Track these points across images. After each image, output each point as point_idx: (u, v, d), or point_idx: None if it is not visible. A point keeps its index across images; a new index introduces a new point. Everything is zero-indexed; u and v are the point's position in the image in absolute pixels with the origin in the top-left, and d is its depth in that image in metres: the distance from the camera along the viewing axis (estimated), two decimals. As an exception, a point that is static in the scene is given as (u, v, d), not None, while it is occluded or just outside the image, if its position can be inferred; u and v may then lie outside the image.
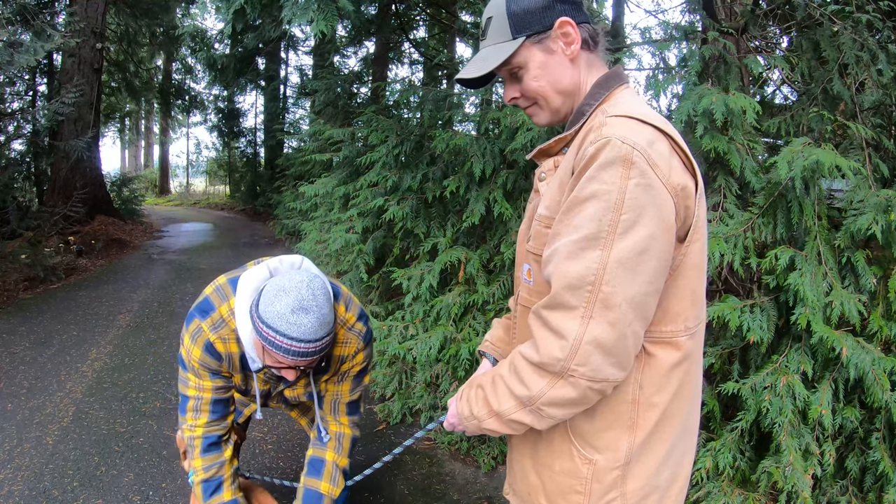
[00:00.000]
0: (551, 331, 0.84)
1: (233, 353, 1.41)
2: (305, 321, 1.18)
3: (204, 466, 1.45)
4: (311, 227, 4.90)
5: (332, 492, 1.53)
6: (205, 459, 1.45)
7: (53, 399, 3.27)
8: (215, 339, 1.38)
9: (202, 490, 1.46)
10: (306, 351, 1.21)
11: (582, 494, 0.95)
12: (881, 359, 1.89)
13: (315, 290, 1.22)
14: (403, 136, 3.43)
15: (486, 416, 0.96)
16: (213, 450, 1.47)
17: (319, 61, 10.48)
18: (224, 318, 1.38)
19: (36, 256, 6.06)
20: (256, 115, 15.67)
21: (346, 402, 1.59)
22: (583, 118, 0.96)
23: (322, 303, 1.22)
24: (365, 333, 1.52)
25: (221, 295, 1.40)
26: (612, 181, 0.81)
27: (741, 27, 2.51)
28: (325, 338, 1.24)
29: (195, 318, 1.40)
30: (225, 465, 1.48)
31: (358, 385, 1.60)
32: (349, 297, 1.51)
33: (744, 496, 2.04)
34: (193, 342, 1.39)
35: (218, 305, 1.39)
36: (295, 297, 1.19)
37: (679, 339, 0.91)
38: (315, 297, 1.21)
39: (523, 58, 0.98)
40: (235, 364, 1.44)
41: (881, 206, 1.92)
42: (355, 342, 1.50)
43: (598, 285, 0.80)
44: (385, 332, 3.25)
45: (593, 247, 0.81)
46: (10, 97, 7.71)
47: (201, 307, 1.40)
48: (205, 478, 1.46)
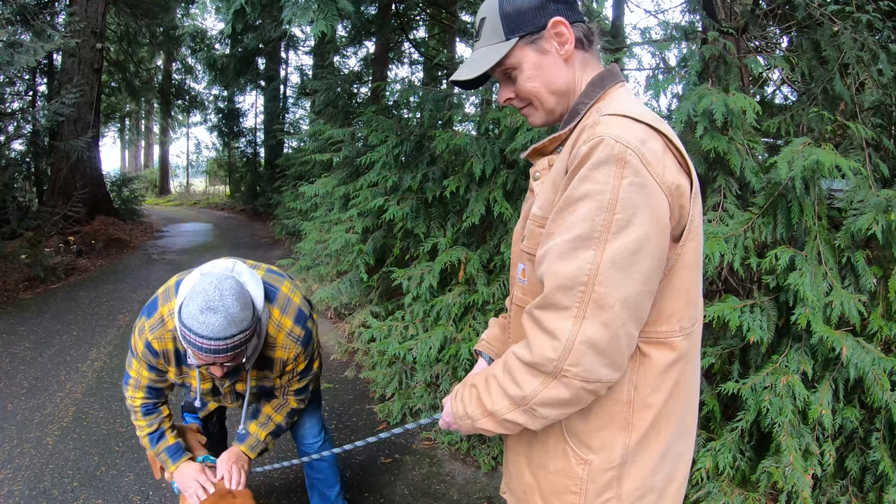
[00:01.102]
0: (544, 331, 0.84)
1: (168, 350, 1.57)
2: (213, 320, 1.30)
3: (147, 423, 1.71)
4: (311, 227, 4.90)
5: (258, 432, 1.77)
6: (147, 419, 1.71)
7: (53, 399, 3.27)
8: (152, 338, 1.54)
9: (149, 440, 1.71)
10: (216, 348, 1.32)
11: (577, 494, 0.94)
12: (881, 359, 1.90)
13: (223, 291, 1.33)
14: (403, 136, 3.43)
15: (479, 416, 0.96)
16: (152, 412, 1.72)
17: (319, 61, 10.48)
18: (164, 319, 1.53)
19: (36, 256, 6.06)
20: (256, 115, 15.70)
21: (294, 388, 1.76)
22: (577, 117, 0.95)
23: (230, 303, 1.32)
24: (304, 337, 1.63)
25: (167, 296, 1.56)
26: (606, 180, 0.80)
27: (741, 27, 2.51)
28: (237, 335, 1.34)
29: (143, 316, 1.58)
30: (164, 419, 1.74)
31: (305, 376, 1.75)
32: (287, 299, 1.63)
33: (744, 496, 2.04)
34: (139, 336, 1.57)
35: (160, 306, 1.55)
36: (203, 298, 1.31)
37: (674, 339, 0.90)
38: (222, 297, 1.32)
39: (517, 58, 0.97)
40: (171, 359, 1.59)
41: (881, 206, 1.92)
42: (293, 347, 1.62)
43: (591, 285, 0.80)
44: (385, 332, 3.25)
45: (586, 247, 0.81)
46: (10, 97, 7.72)
47: (149, 306, 1.58)
48: (149, 431, 1.71)
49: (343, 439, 2.97)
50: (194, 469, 1.69)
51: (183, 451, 1.74)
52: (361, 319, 3.87)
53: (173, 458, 1.72)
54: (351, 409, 3.33)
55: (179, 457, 1.72)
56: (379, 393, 3.41)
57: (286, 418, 1.80)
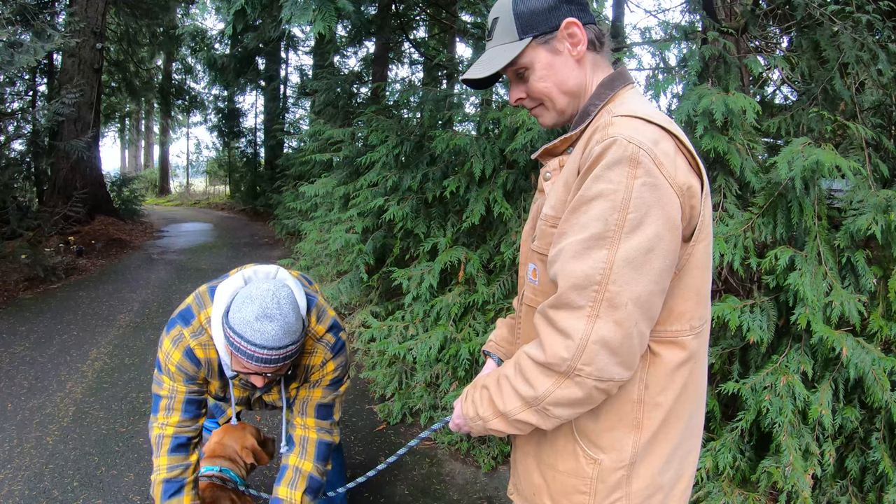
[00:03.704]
0: (557, 330, 0.84)
1: (212, 360, 1.47)
2: (269, 328, 1.23)
3: (168, 466, 1.45)
4: (311, 227, 4.90)
5: (291, 496, 1.53)
6: (171, 459, 1.45)
7: (53, 399, 3.27)
8: (195, 345, 1.44)
9: (162, 490, 1.44)
10: (269, 357, 1.26)
11: (586, 494, 0.94)
12: (881, 359, 1.90)
13: (280, 299, 1.27)
14: (403, 136, 3.43)
15: (491, 417, 0.96)
16: (180, 451, 1.46)
17: (319, 61, 10.47)
18: (203, 326, 1.44)
19: (36, 256, 6.06)
20: (256, 115, 15.68)
21: (315, 404, 1.59)
22: (588, 118, 0.96)
23: (287, 311, 1.27)
24: (334, 344, 1.54)
25: (200, 303, 1.47)
26: (619, 180, 0.81)
27: (741, 27, 2.51)
28: (290, 346, 1.28)
29: (177, 325, 1.46)
30: (190, 468, 1.48)
31: (331, 392, 1.61)
32: (323, 309, 1.55)
33: (744, 496, 2.04)
34: (175, 346, 1.44)
35: (197, 314, 1.46)
36: (260, 305, 1.24)
37: (684, 338, 0.91)
38: (280, 305, 1.26)
39: (529, 58, 0.98)
40: (214, 370, 1.50)
41: (881, 206, 1.92)
42: (322, 352, 1.53)
43: (604, 285, 0.81)
44: (385, 332, 3.25)
45: (600, 246, 0.81)
46: (10, 97, 7.71)
47: (183, 315, 1.47)
48: (167, 477, 1.44)
49: (343, 439, 2.97)
50: None
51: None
52: (361, 319, 3.87)
53: None
54: (351, 409, 3.33)
55: None
56: (379, 393, 3.41)
57: (316, 463, 1.57)
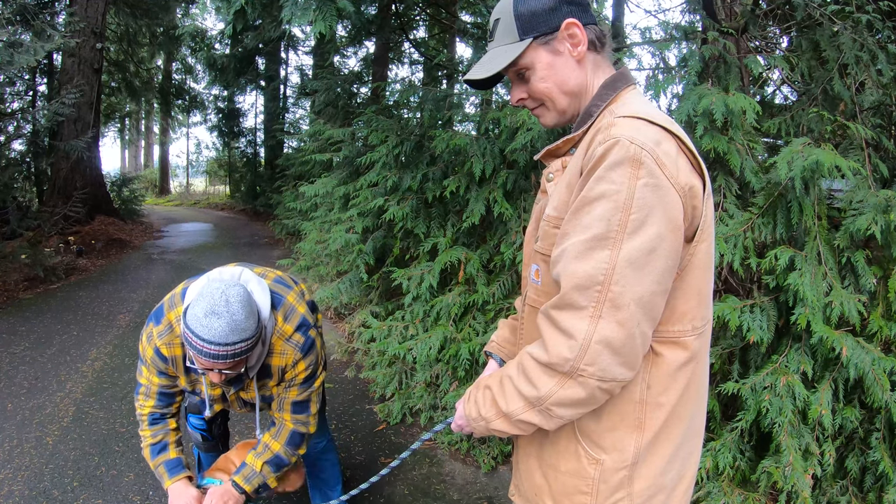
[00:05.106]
0: (560, 331, 0.84)
1: (177, 356, 1.56)
2: (216, 325, 1.29)
3: (152, 434, 1.69)
4: (311, 227, 4.90)
5: (254, 462, 1.69)
6: (153, 429, 1.69)
7: (53, 399, 3.27)
8: (161, 344, 1.54)
9: (150, 452, 1.68)
10: (217, 353, 1.31)
11: (588, 495, 0.94)
12: (881, 359, 1.90)
13: (230, 297, 1.32)
14: (403, 136, 3.43)
15: (494, 417, 0.96)
16: (158, 422, 1.70)
17: (319, 61, 10.47)
18: (171, 325, 1.53)
19: (36, 256, 6.06)
20: (256, 115, 15.68)
21: (290, 401, 1.68)
22: (591, 119, 0.96)
23: (235, 310, 1.32)
24: (303, 344, 1.59)
25: (172, 303, 1.57)
26: (621, 181, 0.81)
27: (741, 27, 2.51)
28: (239, 343, 1.33)
29: (150, 322, 1.57)
30: (170, 432, 1.71)
31: (305, 390, 1.68)
32: (291, 308, 1.61)
33: (744, 496, 2.04)
34: (148, 343, 1.57)
35: (167, 312, 1.55)
36: (209, 302, 1.31)
37: (686, 338, 0.91)
38: (228, 304, 1.31)
39: (530, 59, 0.98)
40: (180, 366, 1.58)
41: (881, 206, 1.92)
42: (292, 353, 1.58)
43: (607, 285, 0.81)
44: (385, 332, 3.25)
45: (602, 246, 0.82)
46: (10, 97, 7.72)
47: (156, 313, 1.58)
48: (152, 442, 1.68)
49: (343, 439, 2.97)
50: (188, 496, 1.64)
51: (182, 468, 1.68)
52: (361, 319, 3.87)
53: (170, 472, 1.67)
54: (351, 409, 3.33)
55: (176, 473, 1.67)
56: (379, 393, 3.41)
57: (286, 446, 1.70)
